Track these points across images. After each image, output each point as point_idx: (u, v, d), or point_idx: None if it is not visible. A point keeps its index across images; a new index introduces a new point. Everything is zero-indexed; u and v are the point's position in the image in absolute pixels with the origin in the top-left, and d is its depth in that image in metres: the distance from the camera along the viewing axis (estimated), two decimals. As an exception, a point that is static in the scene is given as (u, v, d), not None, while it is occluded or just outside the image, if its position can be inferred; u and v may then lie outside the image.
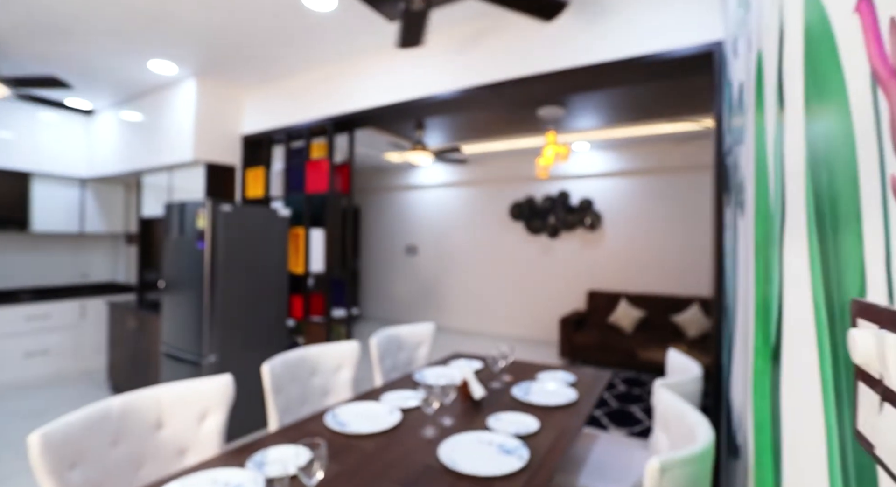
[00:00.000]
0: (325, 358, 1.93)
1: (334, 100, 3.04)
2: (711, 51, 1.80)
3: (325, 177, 3.05)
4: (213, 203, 2.66)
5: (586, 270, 5.27)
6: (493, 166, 5.78)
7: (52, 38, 2.66)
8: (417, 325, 2.44)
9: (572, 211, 5.33)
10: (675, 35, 1.93)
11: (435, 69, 2.67)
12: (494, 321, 5.89)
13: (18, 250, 4.14)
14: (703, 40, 1.85)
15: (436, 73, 2.67)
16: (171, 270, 2.89)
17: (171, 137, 3.36)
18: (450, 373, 2.03)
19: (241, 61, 3.02)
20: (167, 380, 2.87)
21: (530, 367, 2.18)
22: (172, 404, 1.38)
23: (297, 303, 3.21)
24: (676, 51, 1.92)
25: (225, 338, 2.73)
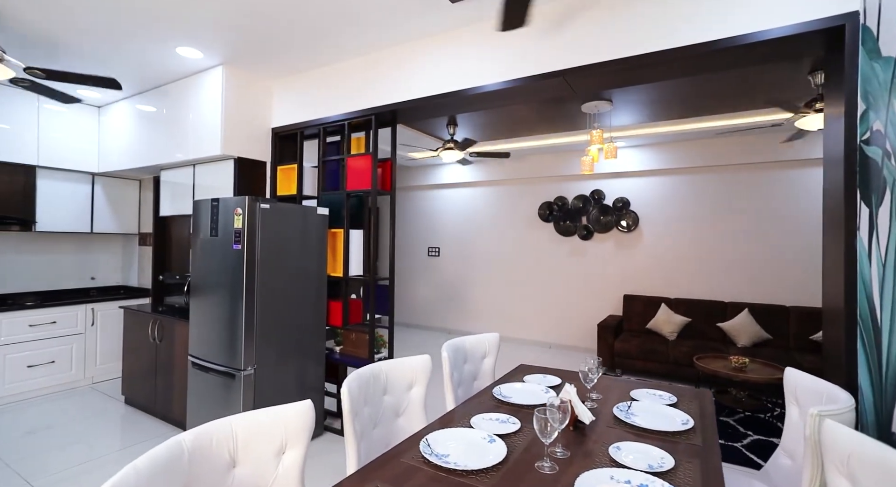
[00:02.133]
0: (396, 374, 1.69)
1: (377, 91, 2.80)
2: (842, 24, 1.59)
3: (367, 174, 2.82)
4: (251, 200, 2.42)
5: (621, 273, 5.05)
6: (522, 165, 5.56)
7: (75, 19, 2.41)
8: (482, 335, 2.20)
9: (606, 211, 5.12)
10: (788, 10, 1.72)
11: (484, 58, 2.46)
12: (522, 326, 5.65)
13: (21, 251, 3.86)
14: (828, 13, 1.63)
15: (484, 63, 2.46)
16: (200, 273, 2.63)
17: (197, 130, 3.11)
18: (532, 390, 1.80)
19: (273, 49, 2.78)
20: (195, 393, 2.61)
21: (615, 383, 1.95)
22: (248, 437, 1.14)
23: (335, 309, 2.96)
24: (778, 30, 1.71)
25: (261, 348, 2.48)
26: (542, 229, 5.54)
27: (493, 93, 2.51)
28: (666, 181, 4.86)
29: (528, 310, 5.61)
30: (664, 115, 3.96)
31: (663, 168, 4.79)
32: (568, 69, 2.14)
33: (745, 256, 4.45)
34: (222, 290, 2.49)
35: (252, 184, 3.22)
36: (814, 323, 3.90)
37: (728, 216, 4.55)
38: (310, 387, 2.79)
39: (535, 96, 2.62)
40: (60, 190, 3.81)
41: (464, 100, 2.64)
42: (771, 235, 4.35)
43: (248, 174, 3.18)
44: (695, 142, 4.61)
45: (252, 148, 3.17)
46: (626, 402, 1.66)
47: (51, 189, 3.75)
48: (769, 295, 4.32)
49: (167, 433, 2.91)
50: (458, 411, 1.60)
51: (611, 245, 5.13)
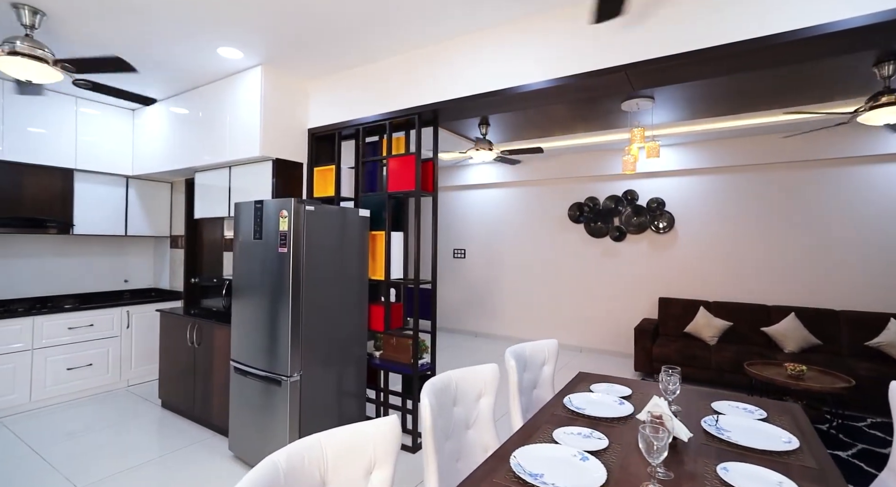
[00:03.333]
0: (465, 383, 1.61)
1: (420, 90, 2.73)
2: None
3: (410, 175, 2.75)
4: (297, 202, 2.36)
5: (656, 276, 4.91)
6: (551, 165, 5.45)
7: (118, 21, 2.39)
8: (541, 342, 2.11)
9: (640, 212, 4.98)
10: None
11: (532, 56, 2.37)
12: (552, 329, 5.53)
13: (59, 253, 3.88)
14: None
15: (532, 60, 2.37)
16: (242, 276, 2.59)
17: (234, 132, 3.07)
18: (605, 401, 1.70)
19: (313, 49, 2.73)
20: (238, 399, 2.56)
21: (685, 393, 1.84)
22: (337, 456, 1.07)
23: (376, 313, 2.89)
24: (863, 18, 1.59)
25: (306, 353, 2.42)
26: (572, 230, 5.42)
27: (541, 92, 2.42)
28: (703, 180, 4.71)
29: (557, 313, 5.49)
30: (706, 112, 3.83)
31: (701, 167, 4.64)
32: (633, 64, 2.04)
33: (790, 258, 4.29)
34: (267, 294, 2.44)
35: (289, 185, 3.17)
36: (868, 328, 3.73)
37: (770, 216, 4.38)
38: (352, 394, 2.72)
39: (585, 94, 2.51)
40: (96, 193, 3.81)
41: (508, 99, 2.56)
42: (817, 236, 4.18)
43: (284, 175, 3.14)
44: (736, 139, 4.46)
45: (289, 149, 3.12)
46: (711, 416, 1.55)
47: (87, 192, 3.75)
48: (816, 299, 4.15)
49: (207, 438, 2.87)
50: (533, 424, 1.51)
51: (644, 246, 4.99)
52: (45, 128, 3.46)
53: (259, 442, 2.45)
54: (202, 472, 2.45)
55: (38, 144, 3.42)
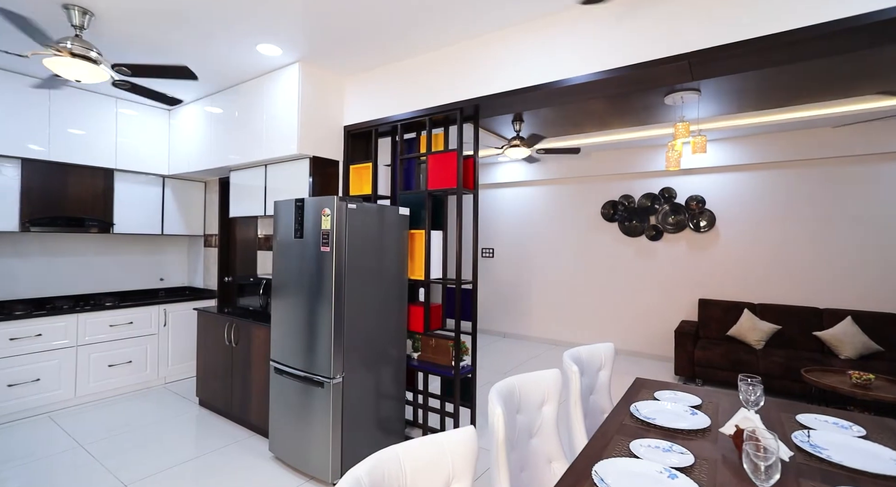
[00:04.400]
0: (527, 390, 1.53)
1: (461, 85, 2.65)
2: None
3: (450, 171, 2.67)
4: (339, 200, 2.31)
5: (695, 277, 4.72)
6: (584, 162, 5.31)
7: (161, 20, 2.38)
8: (597, 345, 2.01)
9: (678, 210, 4.80)
10: None
11: (575, 48, 2.27)
12: (583, 331, 5.39)
13: (100, 252, 3.95)
14: None
15: (575, 54, 2.27)
16: (283, 276, 2.56)
17: (271, 129, 3.06)
18: (675, 411, 1.59)
19: (352, 44, 2.68)
20: (279, 400, 2.53)
21: (774, 404, 1.71)
22: (415, 470, 1.00)
23: (415, 313, 2.83)
24: None
25: (349, 355, 2.37)
26: (605, 229, 5.26)
27: (586, 85, 2.32)
28: (748, 177, 4.49)
29: (589, 314, 5.34)
30: (755, 105, 3.64)
31: (745, 163, 4.43)
32: (697, 51, 1.91)
33: (845, 259, 4.05)
34: (308, 294, 2.40)
35: (325, 183, 3.14)
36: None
37: (824, 214, 4.15)
38: (392, 396, 2.67)
39: (635, 86, 2.38)
40: (134, 192, 3.87)
41: (551, 93, 2.46)
42: (874, 235, 3.93)
43: (320, 173, 3.10)
44: (785, 133, 4.24)
45: (325, 146, 3.09)
46: (801, 431, 1.43)
47: (126, 192, 3.81)
48: (874, 302, 3.90)
49: (245, 437, 2.86)
50: (603, 434, 1.42)
51: (683, 246, 4.80)
52: (88, 129, 3.52)
53: (301, 444, 2.41)
54: (243, 473, 2.44)
55: (81, 145, 3.48)
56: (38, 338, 3.12)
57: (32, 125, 3.24)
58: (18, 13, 1.95)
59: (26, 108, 3.20)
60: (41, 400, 3.14)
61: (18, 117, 3.17)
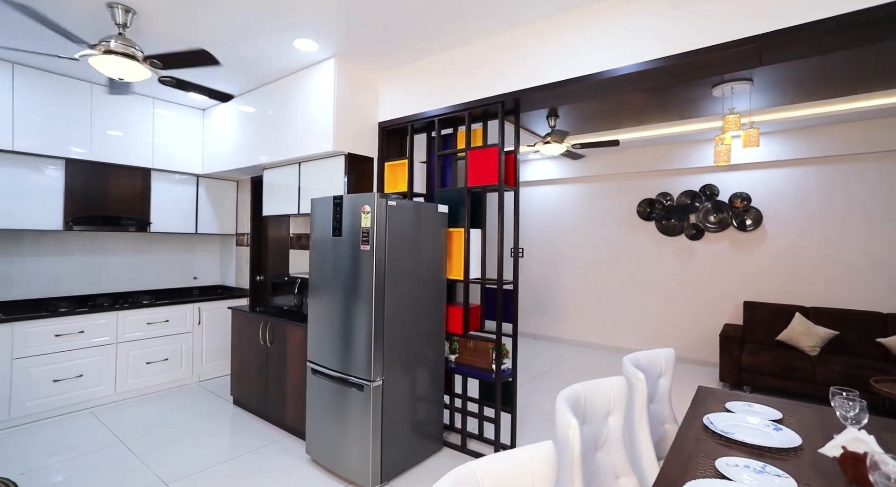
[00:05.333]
0: (592, 399, 1.42)
1: (504, 77, 2.55)
2: None
3: (491, 168, 2.57)
4: (380, 197, 2.24)
5: (739, 278, 4.48)
6: (619, 159, 5.13)
7: (200, 17, 2.37)
8: (657, 351, 1.88)
9: (720, 208, 4.57)
10: None
11: (622, 37, 2.15)
12: (617, 333, 5.21)
13: (137, 251, 4.01)
14: None
15: (622, 42, 2.16)
16: (320, 275, 2.51)
17: (305, 127, 3.02)
18: (754, 425, 1.45)
19: (389, 38, 2.62)
20: (316, 402, 2.49)
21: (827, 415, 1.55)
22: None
23: (453, 314, 2.75)
24: None
25: (388, 357, 2.30)
26: (641, 228, 5.06)
27: (636, 75, 2.20)
28: (800, 172, 4.23)
29: (624, 316, 5.15)
30: (812, 94, 3.41)
31: (797, 157, 4.18)
32: (772, 33, 1.76)
33: (908, 259, 3.76)
34: (347, 294, 2.35)
35: (359, 181, 3.09)
36: None
37: (884, 212, 3.86)
38: (431, 400, 2.59)
39: (689, 75, 2.24)
40: (170, 192, 3.91)
41: (598, 85, 2.34)
42: (943, 234, 3.63)
43: (355, 171, 3.05)
44: (843, 125, 3.96)
45: (360, 143, 3.04)
46: (908, 451, 1.27)
47: (162, 191, 3.86)
48: (943, 306, 3.61)
49: (281, 438, 2.83)
50: (679, 449, 1.30)
51: (725, 246, 4.57)
52: (127, 129, 3.58)
53: (339, 448, 2.36)
54: (280, 474, 2.40)
55: (120, 145, 3.53)
56: (80, 335, 3.18)
57: (75, 126, 3.30)
58: (54, 21, 1.95)
59: (70, 110, 3.27)
60: (83, 396, 3.19)
61: (63, 119, 3.23)
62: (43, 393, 3.02)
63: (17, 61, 3.01)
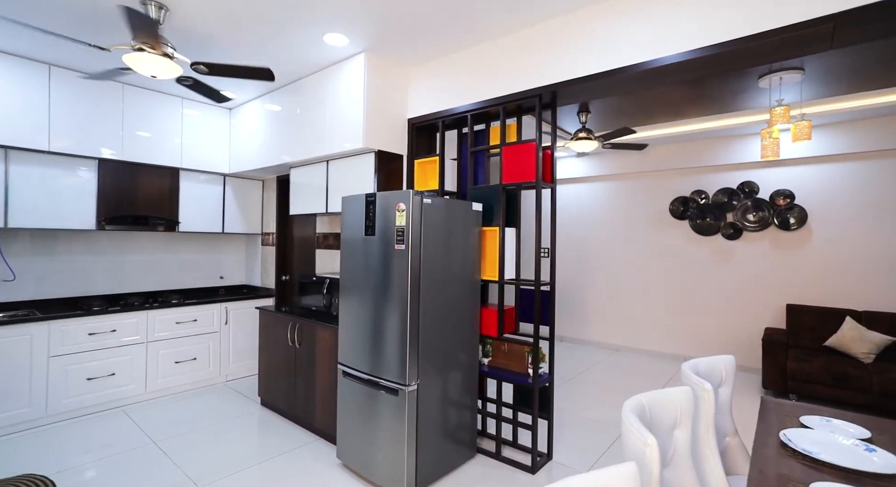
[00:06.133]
0: (659, 410, 1.30)
1: (541, 70, 2.44)
2: None
3: (529, 164, 2.47)
4: (415, 195, 2.16)
5: (781, 280, 4.25)
6: (650, 156, 4.95)
7: (230, 13, 2.33)
8: (716, 358, 1.75)
9: (760, 206, 4.35)
10: None
11: (668, 23, 2.03)
12: (648, 336, 5.02)
13: (166, 250, 4.04)
14: None
15: (669, 29, 2.04)
16: (352, 275, 2.45)
17: (334, 124, 2.97)
18: (840, 444, 1.31)
19: (421, 31, 2.54)
20: (348, 405, 2.42)
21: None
22: (578, 515, 0.81)
23: (487, 316, 2.65)
24: None
25: (423, 360, 2.22)
26: (674, 227, 4.87)
27: (682, 65, 2.07)
28: (850, 168, 3.99)
29: (655, 319, 4.96)
30: (868, 84, 3.19)
31: (847, 152, 3.93)
32: (854, 10, 1.61)
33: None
34: (381, 295, 2.27)
35: (389, 179, 3.02)
36: None
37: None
38: (465, 405, 2.50)
39: (741, 64, 2.10)
40: (198, 191, 3.92)
41: (640, 76, 2.22)
42: None
43: (384, 169, 2.98)
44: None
45: (390, 140, 2.97)
46: None
47: (190, 191, 3.87)
48: None
49: (310, 442, 2.78)
50: (761, 470, 1.17)
51: (766, 245, 4.34)
52: (156, 129, 3.59)
53: (372, 453, 2.29)
54: (311, 479, 2.34)
55: (150, 145, 3.55)
56: (112, 334, 3.20)
57: (108, 126, 3.33)
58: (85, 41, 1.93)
59: (102, 111, 3.29)
60: (116, 394, 3.21)
61: (95, 119, 3.26)
62: (77, 390, 3.04)
63: (53, 63, 3.05)
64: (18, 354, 2.82)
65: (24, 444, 2.69)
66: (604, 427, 3.08)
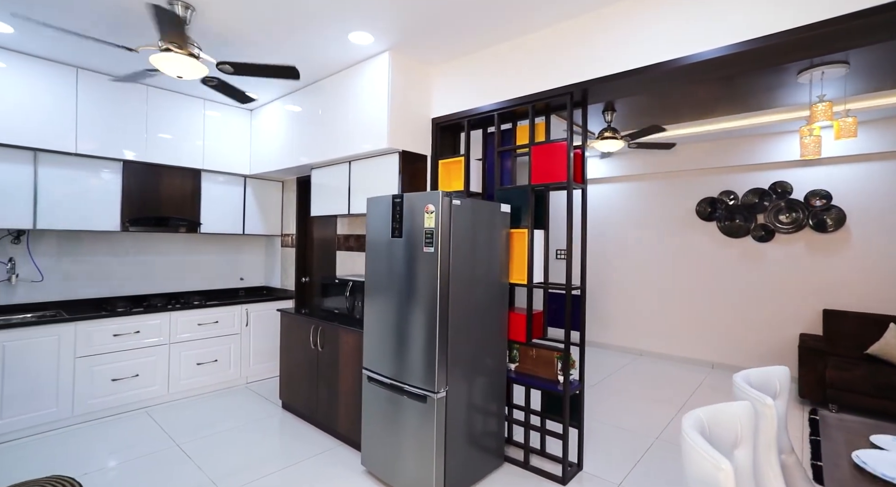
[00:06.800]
0: (717, 426, 1.21)
1: (572, 67, 2.36)
2: None
3: (560, 164, 2.38)
4: (444, 195, 2.10)
5: (817, 284, 4.08)
6: (676, 155, 4.80)
7: (256, 12, 2.30)
8: (769, 369, 1.64)
9: (794, 207, 4.18)
10: None
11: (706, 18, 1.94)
12: (673, 341, 4.87)
13: (188, 251, 4.05)
14: None
15: (706, 24, 1.95)
16: (378, 278, 2.39)
17: (358, 124, 2.93)
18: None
19: (448, 27, 2.47)
20: (373, 411, 2.37)
21: None
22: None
23: (515, 321, 2.57)
24: None
25: (452, 367, 2.15)
26: (701, 230, 4.72)
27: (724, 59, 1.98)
28: (891, 167, 3.80)
29: (681, 323, 4.81)
30: None
31: (891, 150, 3.75)
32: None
33: None
34: (408, 299, 2.21)
35: (412, 180, 2.97)
36: None
37: None
38: (492, 412, 2.42)
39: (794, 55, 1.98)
40: (219, 193, 3.92)
41: (675, 73, 2.13)
42: None
43: (408, 170, 2.93)
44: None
45: (414, 141, 2.91)
46: None
47: (212, 192, 3.87)
48: None
49: (333, 447, 2.73)
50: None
51: (800, 248, 4.17)
52: (179, 131, 3.60)
53: (399, 461, 2.23)
54: (336, 486, 2.29)
55: (173, 146, 3.56)
56: (136, 335, 3.20)
57: (132, 128, 3.34)
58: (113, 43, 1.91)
59: (127, 113, 3.31)
60: (139, 396, 3.22)
61: (120, 121, 3.28)
62: (103, 391, 3.05)
63: (80, 66, 3.07)
64: (47, 354, 2.84)
65: (52, 444, 2.70)
66: (633, 436, 2.97)
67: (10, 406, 2.71)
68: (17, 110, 2.85)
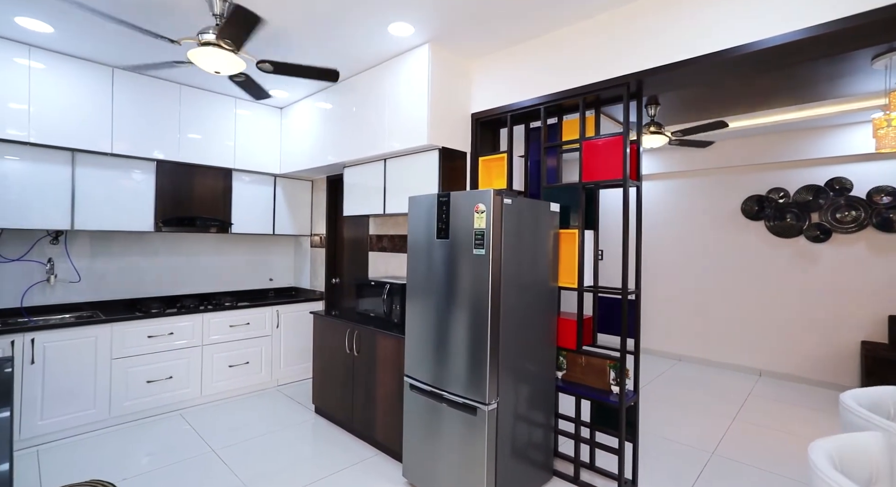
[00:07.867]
0: (849, 460, 1.04)
1: (626, 57, 2.20)
2: None
3: (615, 160, 2.22)
4: (496, 193, 1.97)
5: (881, 287, 3.79)
6: (720, 151, 4.56)
7: (298, 6, 2.21)
8: (879, 389, 1.45)
9: (854, 205, 3.90)
10: None
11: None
12: (716, 346, 4.63)
13: (218, 252, 4.02)
14: None
15: (775, 6, 1.76)
16: (421, 282, 2.27)
17: (395, 120, 2.82)
18: None
19: (490, 17, 2.33)
20: (415, 421, 2.25)
21: None
22: None
23: (564, 327, 2.42)
24: None
25: (502, 376, 2.02)
26: (747, 229, 4.46)
27: (794, 44, 1.82)
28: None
29: (724, 327, 4.57)
30: None
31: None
32: None
33: None
34: (455, 304, 2.09)
35: (451, 178, 2.84)
36: None
37: None
38: (542, 423, 2.28)
39: (874, 39, 1.79)
40: (250, 192, 3.88)
41: (738, 61, 1.97)
42: None
43: (446, 167, 2.81)
44: None
45: (453, 137, 2.79)
46: None
47: (243, 192, 3.82)
48: None
49: (371, 456, 2.63)
50: None
51: (861, 249, 3.89)
52: (211, 130, 3.56)
53: (444, 474, 2.11)
54: (382, 500, 2.19)
55: (205, 145, 3.52)
56: (169, 337, 3.17)
57: (165, 128, 3.31)
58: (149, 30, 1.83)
59: (161, 112, 3.28)
60: (174, 398, 3.18)
61: (154, 121, 3.25)
62: (138, 393, 3.03)
63: (115, 65, 3.04)
64: (85, 356, 2.82)
65: (91, 446, 2.68)
66: (687, 449, 2.79)
67: (50, 408, 2.70)
68: (56, 111, 2.84)
